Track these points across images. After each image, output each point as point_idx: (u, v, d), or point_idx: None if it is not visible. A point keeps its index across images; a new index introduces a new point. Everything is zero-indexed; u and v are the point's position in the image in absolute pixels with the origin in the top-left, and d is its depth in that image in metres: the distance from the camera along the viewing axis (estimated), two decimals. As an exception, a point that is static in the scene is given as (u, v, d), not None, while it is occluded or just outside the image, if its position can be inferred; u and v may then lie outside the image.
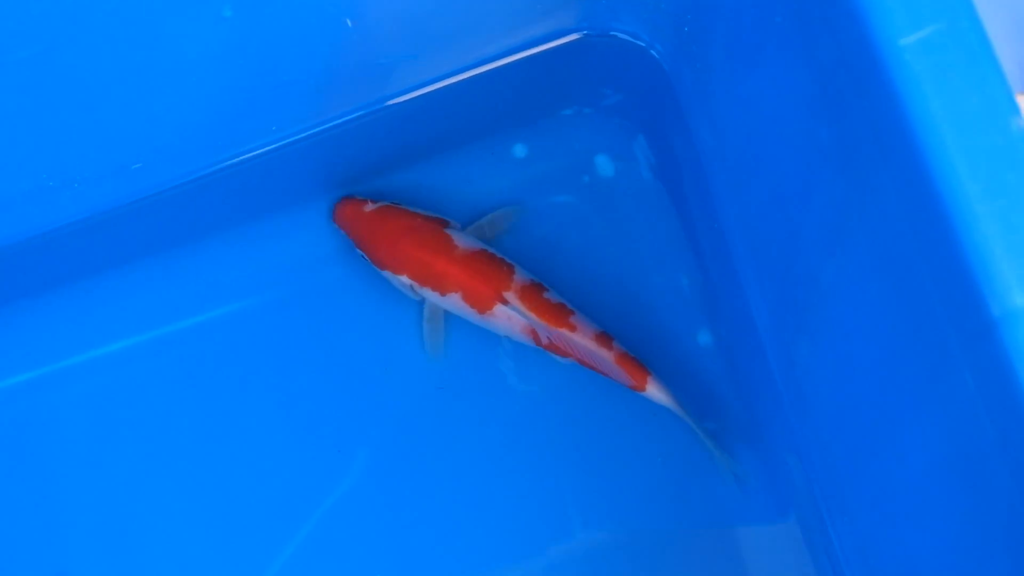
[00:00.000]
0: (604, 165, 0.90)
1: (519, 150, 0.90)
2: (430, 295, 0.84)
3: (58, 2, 0.68)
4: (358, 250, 0.85)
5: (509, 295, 0.82)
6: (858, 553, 0.78)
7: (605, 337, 0.82)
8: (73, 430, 0.87)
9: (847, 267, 0.67)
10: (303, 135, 0.85)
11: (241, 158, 0.84)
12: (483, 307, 0.83)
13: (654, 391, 0.82)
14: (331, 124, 0.85)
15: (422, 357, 0.87)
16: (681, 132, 0.87)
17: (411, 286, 0.84)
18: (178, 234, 0.87)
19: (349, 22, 0.75)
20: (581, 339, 0.82)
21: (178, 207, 0.85)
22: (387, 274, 0.85)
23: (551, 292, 0.83)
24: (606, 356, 0.82)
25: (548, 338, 0.82)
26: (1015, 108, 0.55)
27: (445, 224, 0.85)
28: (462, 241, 0.84)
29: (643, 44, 0.87)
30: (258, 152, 0.85)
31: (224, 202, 0.87)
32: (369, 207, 0.85)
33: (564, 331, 0.82)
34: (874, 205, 0.62)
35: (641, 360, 0.82)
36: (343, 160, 0.88)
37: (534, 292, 0.83)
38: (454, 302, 0.84)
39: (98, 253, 0.86)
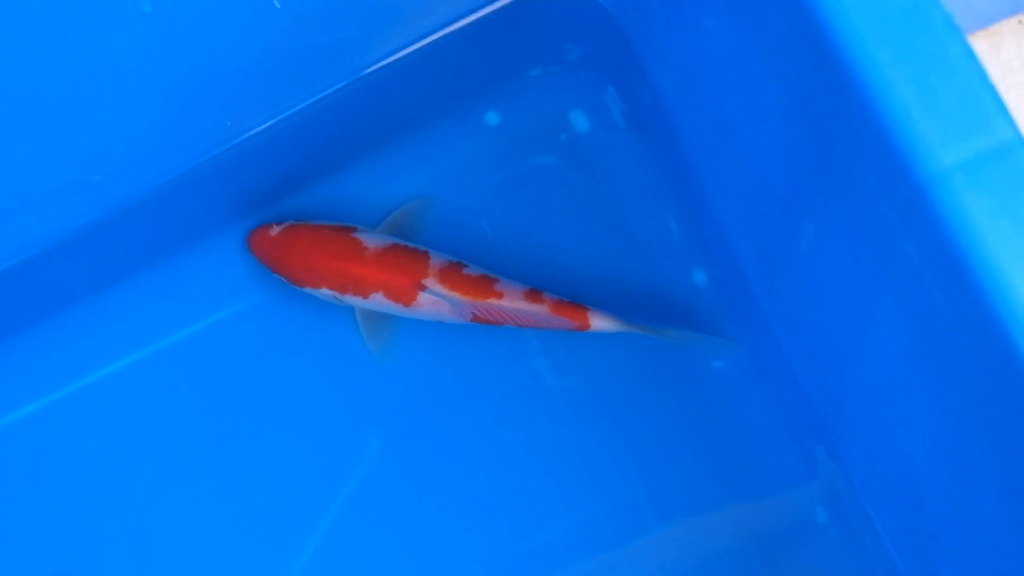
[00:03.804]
0: (579, 120, 0.90)
1: (492, 117, 0.90)
2: (354, 301, 0.84)
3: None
4: (275, 275, 0.85)
5: (428, 281, 0.82)
6: (862, 456, 0.77)
7: (534, 293, 0.82)
8: (78, 456, 0.87)
9: (796, 170, 0.67)
10: (258, 129, 0.84)
11: (197, 162, 0.84)
12: (407, 300, 0.82)
13: (598, 322, 0.81)
14: (284, 115, 0.85)
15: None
16: (641, 77, 0.87)
17: (334, 297, 0.84)
18: (139, 257, 0.88)
19: (277, 3, 0.75)
20: (511, 303, 0.81)
21: (137, 226, 0.86)
22: (308, 291, 0.85)
23: (471, 267, 0.83)
24: (541, 310, 0.81)
25: (476, 312, 0.82)
26: (917, -31, 0.54)
27: (352, 229, 0.84)
28: (371, 241, 0.84)
29: (585, -10, 0.87)
30: (209, 157, 0.85)
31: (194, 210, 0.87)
32: (275, 230, 0.85)
33: (492, 300, 0.81)
34: (803, 98, 0.61)
35: (579, 301, 0.82)
36: (306, 152, 0.88)
37: (452, 272, 0.82)
38: (378, 302, 0.83)
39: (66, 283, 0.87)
